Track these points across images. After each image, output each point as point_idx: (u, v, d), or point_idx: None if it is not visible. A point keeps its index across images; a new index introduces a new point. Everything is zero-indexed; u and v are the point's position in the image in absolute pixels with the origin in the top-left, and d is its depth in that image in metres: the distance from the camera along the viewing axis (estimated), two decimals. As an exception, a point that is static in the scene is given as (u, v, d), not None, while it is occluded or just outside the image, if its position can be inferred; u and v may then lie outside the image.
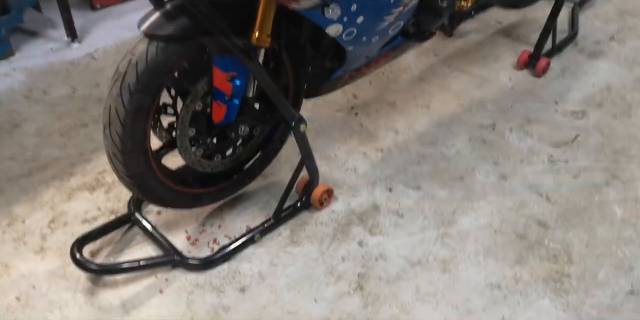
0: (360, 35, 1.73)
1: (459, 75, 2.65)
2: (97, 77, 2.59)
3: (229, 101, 1.73)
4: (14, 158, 2.21)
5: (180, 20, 1.54)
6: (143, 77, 1.53)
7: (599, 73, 2.65)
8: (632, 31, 2.90)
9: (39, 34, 2.84)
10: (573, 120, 2.41)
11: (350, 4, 1.60)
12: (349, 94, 2.53)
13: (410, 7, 1.80)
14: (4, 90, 2.51)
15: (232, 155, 1.93)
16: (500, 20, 2.97)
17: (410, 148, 2.29)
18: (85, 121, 2.37)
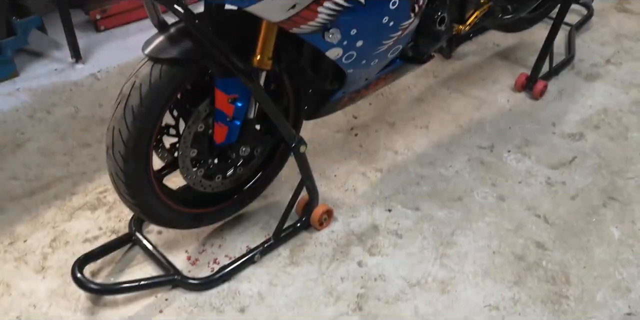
0: (359, 59, 1.76)
1: (458, 96, 2.68)
2: (100, 98, 2.62)
3: (231, 122, 1.76)
4: (17, 177, 2.23)
5: (183, 44, 1.58)
6: (146, 99, 1.56)
7: (596, 95, 2.68)
8: (629, 54, 2.94)
9: (43, 54, 2.88)
10: (570, 142, 2.43)
11: (350, 29, 1.63)
12: (349, 115, 2.56)
13: (409, 31, 1.83)
14: (8, 110, 2.54)
15: (232, 176, 1.95)
16: (498, 43, 3.01)
17: (409, 168, 2.31)
18: (88, 141, 2.39)
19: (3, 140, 2.39)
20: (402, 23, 1.74)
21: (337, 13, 1.56)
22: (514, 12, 2.40)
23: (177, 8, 1.49)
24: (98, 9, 3.04)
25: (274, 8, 1.47)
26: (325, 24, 1.57)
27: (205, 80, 1.73)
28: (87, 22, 3.11)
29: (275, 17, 1.50)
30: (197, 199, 1.93)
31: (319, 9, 1.52)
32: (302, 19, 1.53)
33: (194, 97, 1.73)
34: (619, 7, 3.30)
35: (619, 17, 3.22)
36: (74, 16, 2.83)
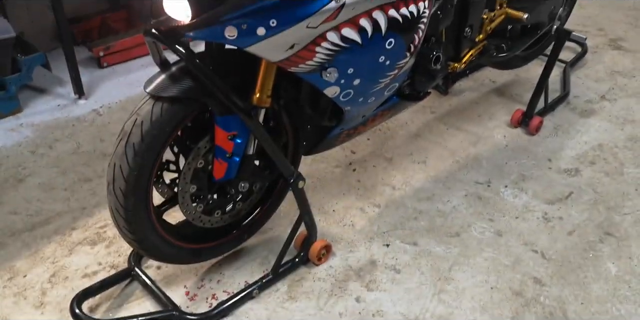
0: (357, 97, 1.79)
1: (455, 132, 2.72)
2: (102, 133, 2.66)
3: (230, 159, 1.78)
4: (18, 212, 2.25)
5: (184, 82, 1.61)
6: (147, 136, 1.59)
7: (591, 131, 2.72)
8: (623, 90, 2.98)
9: (47, 91, 2.93)
10: (566, 178, 2.46)
11: (347, 68, 1.67)
12: (347, 150, 2.59)
13: (405, 70, 1.87)
14: (11, 146, 2.58)
15: (232, 211, 1.97)
16: (494, 80, 3.06)
17: (407, 204, 2.33)
18: (89, 176, 2.42)
19: (5, 175, 2.42)
20: (398, 62, 1.78)
21: (335, 53, 1.60)
22: (508, 50, 2.45)
23: (178, 48, 1.53)
24: (101, 46, 3.11)
25: (273, 48, 1.51)
26: (322, 63, 1.61)
27: (205, 117, 1.76)
28: (91, 59, 3.17)
29: (274, 57, 1.54)
30: (196, 234, 1.94)
31: (317, 49, 1.57)
32: (300, 59, 1.57)
33: (194, 134, 1.76)
34: (613, 45, 3.36)
35: (613, 54, 3.28)
36: (77, 53, 2.90)
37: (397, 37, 1.71)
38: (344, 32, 1.58)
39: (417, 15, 1.71)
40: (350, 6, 1.53)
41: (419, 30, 1.77)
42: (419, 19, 1.73)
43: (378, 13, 1.61)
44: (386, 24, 1.64)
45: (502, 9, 2.30)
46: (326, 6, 1.48)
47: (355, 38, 1.61)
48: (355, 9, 1.55)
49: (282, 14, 1.46)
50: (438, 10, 1.93)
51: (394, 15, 1.64)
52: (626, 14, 3.68)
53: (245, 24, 1.44)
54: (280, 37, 1.48)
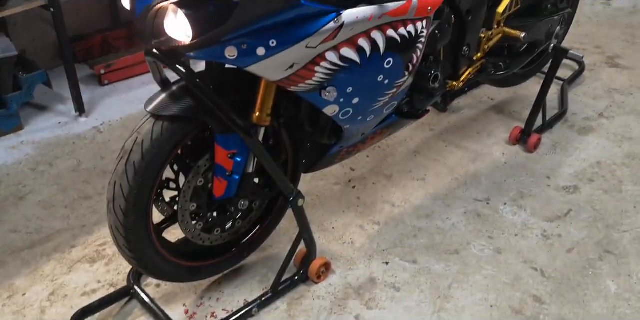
0: (356, 115, 1.81)
1: (454, 149, 2.73)
2: (102, 151, 2.67)
3: (230, 177, 1.79)
4: (17, 230, 2.25)
5: (184, 101, 1.63)
6: (148, 155, 1.60)
7: (590, 149, 2.73)
8: (620, 108, 3.00)
9: (48, 108, 2.95)
10: (565, 195, 2.46)
11: (346, 87, 1.69)
12: (346, 167, 2.60)
13: (404, 89, 1.89)
14: (12, 163, 2.59)
15: (231, 229, 1.98)
16: (492, 97, 3.08)
17: (406, 221, 2.33)
18: (89, 193, 2.43)
19: (5, 193, 2.42)
20: (397, 81, 1.80)
21: (334, 72, 1.62)
22: (506, 68, 2.47)
23: (179, 68, 1.55)
24: (103, 64, 3.13)
25: (273, 68, 1.53)
26: (322, 82, 1.63)
27: (205, 135, 1.77)
28: (92, 76, 3.19)
29: (274, 76, 1.56)
30: (195, 252, 1.94)
31: (316, 69, 1.58)
32: (300, 78, 1.58)
33: (194, 152, 1.77)
34: (610, 62, 3.38)
35: (610, 71, 3.30)
36: (79, 70, 2.93)
37: (396, 57, 1.72)
38: (343, 52, 1.59)
39: (415, 35, 1.73)
40: (349, 26, 1.54)
41: (417, 49, 1.79)
42: (417, 39, 1.75)
43: (376, 33, 1.63)
44: (384, 43, 1.66)
45: (499, 28, 2.32)
46: (325, 26, 1.50)
47: (354, 58, 1.62)
48: (354, 30, 1.57)
49: (282, 34, 1.47)
50: (436, 30, 1.95)
51: (392, 36, 1.66)
52: (623, 32, 3.71)
53: (245, 44, 1.45)
54: (280, 57, 1.50)
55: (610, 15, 3.93)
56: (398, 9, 1.63)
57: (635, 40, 3.61)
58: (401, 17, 1.66)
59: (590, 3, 4.08)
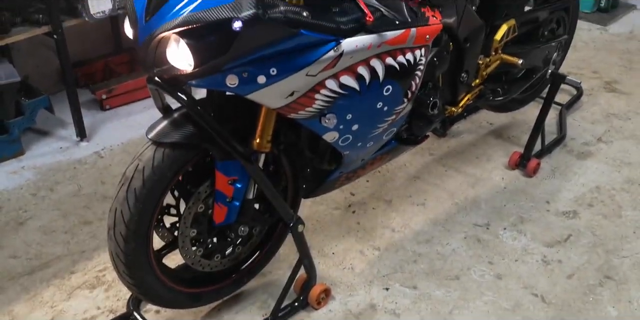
0: (355, 141, 1.82)
1: (453, 174, 2.74)
2: (103, 175, 2.68)
3: (230, 203, 1.80)
4: (17, 256, 2.25)
5: (185, 128, 1.64)
6: (149, 181, 1.61)
7: (589, 173, 2.74)
8: (619, 132, 3.02)
9: (49, 133, 2.97)
10: (565, 220, 2.47)
11: (346, 114, 1.70)
12: (346, 192, 2.60)
13: (403, 115, 1.91)
14: (13, 189, 2.59)
15: (231, 255, 1.98)
16: (491, 122, 3.10)
17: (406, 246, 2.33)
18: (90, 219, 2.43)
19: (5, 219, 2.43)
20: (396, 108, 1.82)
21: (334, 99, 1.64)
22: (504, 94, 2.49)
23: (181, 95, 1.57)
24: (104, 89, 3.15)
25: (273, 95, 1.55)
26: (322, 109, 1.65)
27: (205, 161, 1.78)
28: (93, 101, 3.21)
29: (274, 104, 1.58)
30: (195, 278, 1.94)
31: (316, 96, 1.60)
32: (300, 106, 1.60)
33: (194, 178, 1.78)
34: (608, 87, 3.41)
35: (608, 96, 3.33)
36: (80, 95, 2.94)
37: (395, 84, 1.75)
38: (343, 80, 1.61)
39: (413, 62, 1.75)
40: (349, 55, 1.57)
41: (416, 77, 1.81)
42: (416, 67, 1.77)
43: (376, 61, 1.65)
44: (384, 71, 1.68)
45: (497, 54, 2.35)
46: (325, 55, 1.52)
47: (353, 85, 1.64)
48: (354, 58, 1.59)
49: (282, 62, 1.50)
50: (434, 57, 1.98)
51: (391, 63, 1.69)
52: (620, 57, 3.74)
53: (246, 72, 1.48)
54: (281, 84, 1.52)
55: (607, 40, 3.97)
56: (397, 38, 1.66)
57: (633, 65, 3.65)
58: (400, 45, 1.68)
59: (587, 28, 4.12)
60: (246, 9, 1.37)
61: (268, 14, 1.40)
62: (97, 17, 2.75)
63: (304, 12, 1.46)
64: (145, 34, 1.47)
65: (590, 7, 4.30)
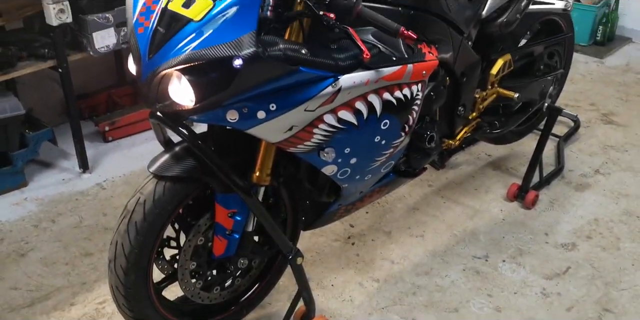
0: (354, 174, 1.85)
1: (452, 205, 2.75)
2: (105, 207, 2.70)
3: (230, 236, 1.81)
4: (18, 288, 2.26)
5: (186, 162, 1.67)
6: (150, 215, 1.63)
7: (587, 205, 2.75)
8: (616, 164, 3.04)
9: (52, 164, 3.00)
10: (564, 252, 2.48)
11: (344, 148, 1.73)
12: (346, 224, 2.62)
13: (400, 149, 1.94)
14: (15, 220, 2.61)
15: (231, 287, 1.99)
16: (489, 153, 3.13)
17: (405, 278, 2.34)
18: (91, 250, 2.44)
19: (7, 250, 2.44)
20: (394, 142, 1.85)
21: (332, 134, 1.67)
22: (501, 127, 2.53)
23: (182, 130, 1.60)
24: (107, 121, 3.19)
25: (273, 130, 1.58)
26: (320, 143, 1.68)
27: (206, 194, 1.81)
28: (96, 133, 3.25)
29: (274, 138, 1.61)
30: (195, 311, 1.95)
31: (315, 131, 1.63)
32: (299, 140, 1.63)
33: (195, 211, 1.81)
34: (605, 119, 3.45)
35: (605, 128, 3.36)
36: (83, 127, 2.98)
37: (392, 118, 1.78)
38: (341, 115, 1.65)
39: (410, 97, 1.79)
40: (347, 90, 1.60)
41: (413, 111, 1.85)
42: (413, 101, 1.81)
43: (373, 96, 1.69)
44: (381, 106, 1.72)
45: (493, 88, 2.39)
46: (323, 91, 1.56)
47: (351, 120, 1.68)
48: (351, 93, 1.63)
49: (282, 98, 1.53)
50: (431, 92, 2.01)
51: (388, 98, 1.72)
52: (617, 90, 3.79)
53: (246, 107, 1.51)
54: (280, 119, 1.55)
55: (603, 73, 4.03)
56: (394, 74, 1.70)
57: (629, 97, 3.69)
58: (397, 81, 1.72)
59: (584, 61, 4.18)
60: (247, 47, 1.41)
61: (268, 52, 1.44)
62: (101, 51, 2.81)
63: (303, 50, 1.50)
64: (149, 70, 1.50)
65: (587, 40, 4.37)
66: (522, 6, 2.26)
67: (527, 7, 2.29)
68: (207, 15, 1.44)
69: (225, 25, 1.43)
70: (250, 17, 1.43)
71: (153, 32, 1.51)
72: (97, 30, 2.75)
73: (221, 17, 1.43)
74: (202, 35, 1.43)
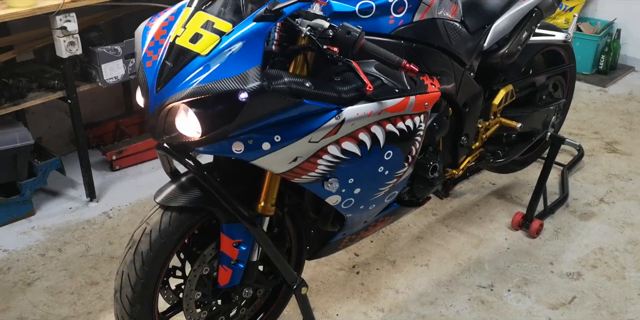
0: (357, 204, 1.87)
1: (457, 234, 2.76)
2: (111, 236, 2.72)
3: (235, 265, 1.83)
4: (24, 317, 2.27)
5: (192, 192, 1.70)
6: (156, 245, 1.65)
7: (591, 234, 2.75)
8: (621, 193, 3.05)
9: (60, 193, 3.03)
10: (569, 282, 2.47)
11: (348, 178, 1.75)
12: (350, 253, 2.62)
13: (404, 178, 1.95)
14: (22, 249, 2.63)
15: (235, 317, 1.99)
16: (493, 182, 3.14)
17: (410, 308, 2.33)
18: (96, 279, 2.45)
19: (14, 279, 2.45)
20: (397, 172, 1.87)
21: (336, 164, 1.69)
22: (504, 156, 2.55)
23: (188, 161, 1.63)
24: (114, 150, 3.23)
25: (277, 161, 1.60)
26: (324, 174, 1.70)
27: (211, 223, 1.83)
28: (103, 162, 3.28)
29: (278, 169, 1.63)
30: (199, 341, 1.95)
31: (319, 161, 1.66)
32: (303, 170, 1.66)
33: (200, 241, 1.82)
34: (609, 148, 3.46)
35: (609, 157, 3.37)
36: (91, 156, 3.02)
37: (395, 149, 1.80)
38: (344, 146, 1.67)
39: (413, 129, 1.81)
40: (350, 122, 1.63)
41: (416, 142, 1.87)
42: (415, 132, 1.83)
43: (376, 128, 1.71)
44: (384, 137, 1.74)
45: (496, 118, 2.42)
46: (327, 122, 1.59)
47: (355, 151, 1.70)
48: (355, 125, 1.66)
49: (286, 130, 1.56)
50: (434, 122, 2.04)
51: (391, 130, 1.75)
52: (620, 118, 3.81)
53: (251, 139, 1.54)
54: (284, 151, 1.58)
55: (606, 101, 4.06)
56: (396, 106, 1.73)
57: (633, 126, 3.71)
58: (399, 112, 1.75)
59: (587, 90, 4.22)
60: (252, 81, 1.44)
61: (273, 85, 1.47)
62: (110, 83, 2.86)
63: (307, 83, 1.54)
64: (156, 103, 1.54)
65: (590, 69, 4.42)
66: (523, 38, 2.31)
67: (528, 38, 2.33)
68: (214, 50, 1.49)
69: (232, 60, 1.47)
70: (256, 52, 1.47)
71: (161, 66, 1.55)
72: (106, 62, 2.81)
73: (227, 51, 1.47)
74: (209, 69, 1.47)
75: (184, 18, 1.58)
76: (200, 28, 1.53)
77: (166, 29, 1.62)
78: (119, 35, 3.11)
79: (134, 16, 3.01)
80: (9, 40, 2.78)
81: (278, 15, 1.49)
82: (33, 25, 2.72)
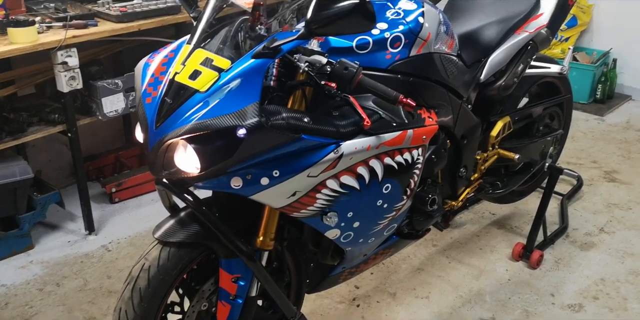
0: (357, 238, 1.86)
1: (457, 265, 2.75)
2: (109, 269, 2.70)
3: (233, 301, 1.81)
4: (21, 353, 2.25)
5: (191, 227, 1.69)
6: (154, 281, 1.64)
7: (592, 265, 2.74)
8: (621, 223, 3.04)
9: (58, 227, 3.02)
10: (571, 314, 2.45)
11: (347, 212, 1.75)
12: (350, 285, 2.60)
13: (403, 211, 1.95)
14: (20, 284, 2.62)
15: (234, 353, 1.96)
16: (493, 212, 3.14)
17: (411, 342, 2.31)
18: (94, 314, 2.43)
19: (12, 315, 2.43)
20: (396, 205, 1.87)
21: (334, 198, 1.69)
22: (503, 187, 2.55)
23: (187, 197, 1.63)
24: (114, 183, 3.23)
25: (276, 196, 1.60)
26: (323, 208, 1.70)
27: (210, 258, 1.82)
28: (103, 194, 3.28)
29: (277, 204, 1.63)
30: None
31: (317, 196, 1.66)
32: (302, 205, 1.66)
33: (199, 276, 1.81)
34: (608, 177, 3.47)
35: (608, 186, 3.38)
36: (90, 188, 3.02)
37: (394, 182, 1.81)
38: (343, 180, 1.68)
39: (411, 162, 1.82)
40: (348, 156, 1.64)
41: (414, 175, 1.87)
42: (414, 165, 1.84)
43: (374, 161, 1.72)
44: (382, 171, 1.75)
45: (494, 149, 2.43)
46: (326, 157, 1.60)
47: (353, 184, 1.70)
48: (353, 159, 1.66)
49: (285, 164, 1.57)
50: (432, 155, 2.05)
51: (389, 163, 1.75)
52: (618, 147, 3.82)
53: (250, 174, 1.54)
54: (283, 185, 1.58)
55: (604, 130, 4.08)
56: (394, 139, 1.73)
57: (631, 155, 3.72)
58: (397, 146, 1.76)
59: (584, 119, 4.24)
60: (250, 117, 1.45)
61: (271, 121, 1.48)
62: (110, 116, 2.88)
63: (305, 118, 1.55)
64: (156, 139, 1.55)
65: (587, 98, 4.45)
66: (519, 70, 2.33)
67: (524, 71, 2.35)
68: (213, 86, 1.50)
69: (230, 96, 1.48)
70: (254, 88, 1.49)
71: (160, 102, 1.56)
72: (106, 96, 2.83)
73: (226, 88, 1.49)
74: (208, 105, 1.48)
75: (184, 55, 1.60)
76: (200, 65, 1.55)
77: (166, 66, 1.64)
78: (119, 68, 3.14)
79: (134, 50, 3.05)
80: (10, 75, 2.81)
81: (276, 52, 1.51)
82: (34, 59, 2.75)
